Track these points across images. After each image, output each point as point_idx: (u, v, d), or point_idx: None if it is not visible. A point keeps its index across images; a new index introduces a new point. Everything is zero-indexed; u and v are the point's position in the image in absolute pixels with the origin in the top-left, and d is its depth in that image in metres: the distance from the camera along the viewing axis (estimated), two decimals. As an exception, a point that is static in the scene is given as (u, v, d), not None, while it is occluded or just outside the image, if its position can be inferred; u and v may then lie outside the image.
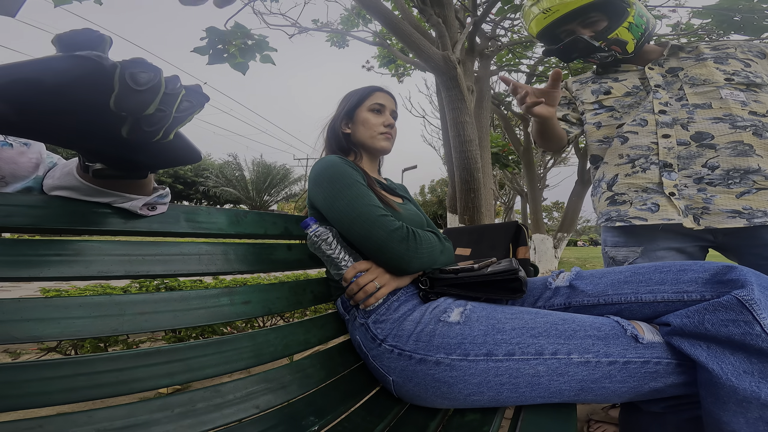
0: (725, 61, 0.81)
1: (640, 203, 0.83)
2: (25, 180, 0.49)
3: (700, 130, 0.78)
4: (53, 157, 0.56)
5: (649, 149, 0.83)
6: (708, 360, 0.44)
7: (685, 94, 0.82)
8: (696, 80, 0.82)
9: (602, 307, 0.59)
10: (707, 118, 0.78)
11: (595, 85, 0.95)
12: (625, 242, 0.88)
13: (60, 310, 0.41)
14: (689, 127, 0.79)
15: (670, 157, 0.80)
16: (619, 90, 0.90)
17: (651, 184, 0.82)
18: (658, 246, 0.83)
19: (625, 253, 0.87)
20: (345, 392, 0.60)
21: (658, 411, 0.55)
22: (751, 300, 0.43)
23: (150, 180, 0.47)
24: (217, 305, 0.55)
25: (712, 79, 0.80)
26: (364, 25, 4.44)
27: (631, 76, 0.91)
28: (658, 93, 0.84)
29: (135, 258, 0.49)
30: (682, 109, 0.81)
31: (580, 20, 0.88)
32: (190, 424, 0.44)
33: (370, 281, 0.61)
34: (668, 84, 0.85)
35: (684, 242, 0.82)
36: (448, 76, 2.11)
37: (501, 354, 0.50)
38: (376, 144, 0.80)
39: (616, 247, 0.90)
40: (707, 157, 0.77)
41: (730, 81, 0.79)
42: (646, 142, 0.84)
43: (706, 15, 2.08)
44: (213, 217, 0.60)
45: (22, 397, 0.37)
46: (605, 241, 0.94)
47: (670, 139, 0.80)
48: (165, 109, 0.28)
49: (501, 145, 5.43)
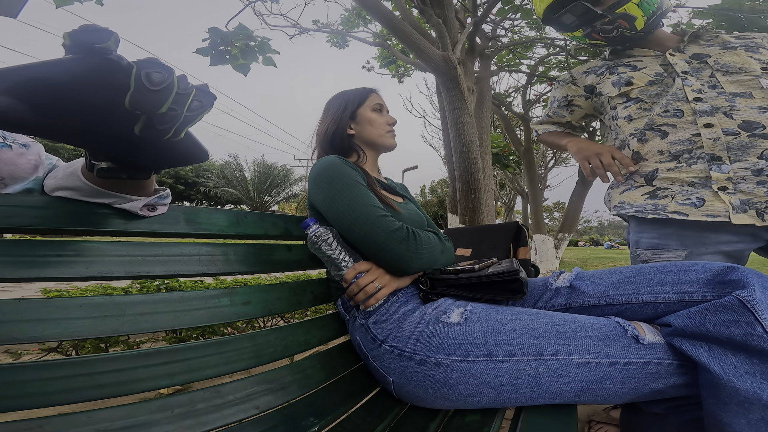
0: (756, 50, 0.77)
1: (684, 197, 0.74)
2: (24, 181, 0.50)
3: (748, 119, 0.71)
4: (52, 159, 0.56)
5: (691, 142, 0.75)
6: (709, 361, 0.44)
7: (718, 82, 0.76)
8: (730, 68, 0.76)
9: (603, 307, 0.59)
10: (752, 107, 0.71)
11: (614, 76, 0.88)
12: (667, 245, 0.77)
13: (60, 310, 0.41)
14: (734, 115, 0.72)
15: (718, 148, 0.72)
16: (641, 79, 0.84)
17: (698, 179, 0.73)
18: (707, 249, 0.73)
19: (667, 258, 0.77)
20: (345, 393, 0.60)
21: (659, 412, 0.55)
22: (753, 300, 0.42)
23: (152, 181, 0.47)
24: (218, 306, 0.55)
25: (748, 67, 0.74)
26: (365, 26, 4.45)
27: (651, 62, 0.85)
28: (688, 80, 0.77)
29: (135, 259, 0.49)
30: (720, 96, 0.74)
31: None
32: (190, 424, 0.44)
33: (370, 282, 0.60)
34: (696, 71, 0.78)
35: (739, 243, 0.73)
36: (448, 77, 2.11)
37: (501, 355, 0.50)
38: (385, 141, 0.82)
39: (654, 250, 0.78)
40: (763, 147, 0.69)
41: (767, 71, 0.74)
42: (686, 135, 0.76)
43: (707, 15, 2.08)
44: (213, 218, 0.60)
45: (23, 398, 0.37)
46: (638, 243, 0.82)
47: (713, 129, 0.73)
48: (177, 109, 0.29)
49: (502, 145, 5.43)
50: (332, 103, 0.84)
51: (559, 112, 1.05)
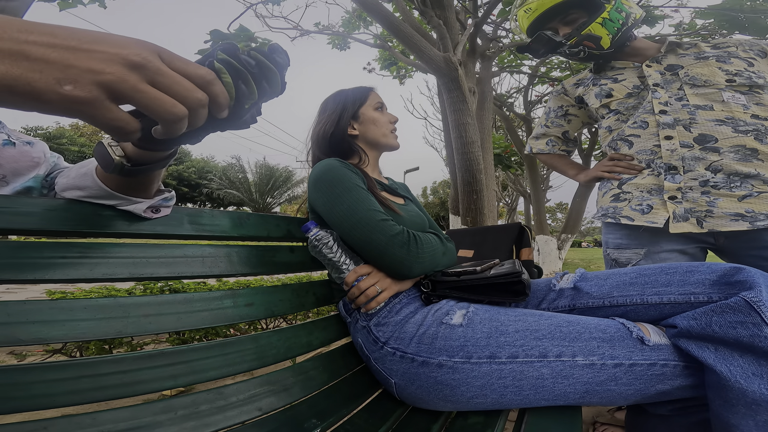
0: (727, 60, 0.80)
1: (637, 203, 0.83)
2: (25, 178, 0.50)
3: (704, 132, 0.77)
4: (54, 156, 0.56)
5: (653, 152, 0.83)
6: (716, 362, 0.44)
7: (685, 95, 0.81)
8: (697, 80, 0.80)
9: (607, 308, 0.59)
10: (710, 120, 0.77)
11: (596, 88, 0.94)
12: (628, 244, 0.87)
13: (65, 312, 0.41)
14: (692, 128, 0.78)
15: (674, 159, 0.79)
16: (620, 91, 0.90)
17: (655, 187, 0.82)
18: (662, 248, 0.82)
19: (628, 255, 0.86)
20: (347, 395, 0.60)
21: (665, 414, 0.55)
22: (760, 302, 0.42)
23: (157, 182, 0.48)
24: (221, 307, 0.55)
25: (713, 80, 0.79)
26: (365, 28, 4.47)
27: (630, 74, 0.89)
28: (657, 92, 0.83)
29: (139, 260, 0.49)
30: (683, 109, 0.80)
31: (561, 18, 0.89)
32: (194, 426, 0.44)
33: (371, 285, 0.60)
34: (667, 82, 0.84)
35: (686, 244, 0.81)
36: (449, 78, 2.11)
37: (504, 356, 0.50)
38: (390, 141, 0.81)
39: (618, 249, 0.89)
40: (711, 160, 0.76)
41: (732, 83, 0.78)
42: (649, 146, 0.83)
43: (708, 15, 2.07)
44: (216, 220, 0.60)
45: (27, 399, 0.37)
46: (607, 243, 0.92)
47: (672, 141, 0.80)
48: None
49: (503, 146, 5.41)
50: (330, 102, 0.81)
51: (557, 121, 1.09)
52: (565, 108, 1.06)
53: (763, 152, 0.73)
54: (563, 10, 0.87)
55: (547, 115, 1.11)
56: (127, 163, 0.38)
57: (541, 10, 0.88)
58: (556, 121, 1.08)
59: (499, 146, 5.34)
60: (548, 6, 0.87)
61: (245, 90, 0.31)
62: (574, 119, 1.07)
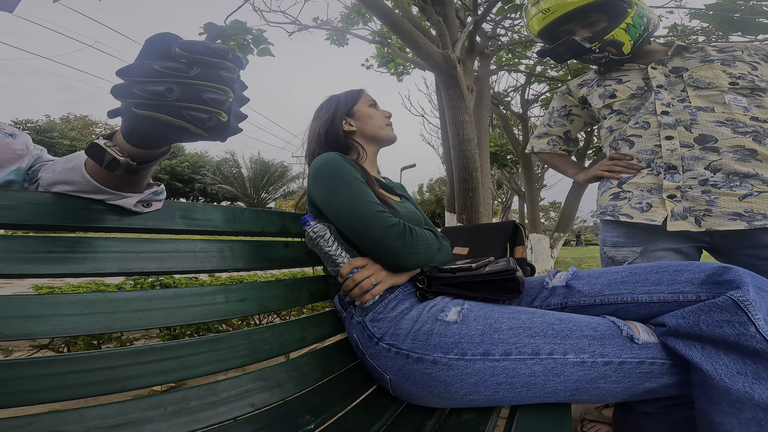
0: (732, 63, 0.81)
1: (636, 201, 0.83)
2: (6, 171, 0.48)
3: (704, 132, 0.78)
4: (37, 149, 0.55)
5: (653, 152, 0.83)
6: (702, 360, 0.45)
7: (687, 96, 0.81)
8: (700, 83, 0.81)
9: (599, 307, 0.59)
10: (711, 121, 0.78)
11: (600, 88, 0.94)
12: (624, 242, 0.87)
13: (52, 307, 0.41)
14: (692, 129, 0.79)
15: (674, 158, 0.80)
16: (623, 92, 0.90)
17: (655, 186, 0.82)
18: (658, 246, 0.83)
19: (624, 254, 0.87)
20: (341, 391, 0.60)
21: (651, 411, 0.56)
22: (746, 301, 0.43)
23: (147, 177, 0.47)
24: (213, 303, 0.54)
25: (716, 82, 0.79)
26: (364, 24, 4.43)
27: (634, 76, 0.89)
28: (660, 94, 0.84)
29: (129, 255, 0.48)
30: (685, 110, 0.80)
31: (579, 20, 0.88)
32: (184, 422, 0.44)
33: (366, 277, 0.60)
34: (671, 84, 0.84)
35: (682, 243, 0.82)
36: (447, 75, 2.11)
37: (498, 354, 0.50)
38: (387, 134, 0.83)
39: (615, 247, 0.89)
40: (710, 160, 0.77)
41: (735, 85, 0.78)
42: (649, 146, 0.84)
43: (705, 16, 2.09)
44: (209, 215, 0.59)
45: (12, 395, 0.36)
46: (604, 241, 0.93)
47: (673, 141, 0.80)
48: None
49: (499, 144, 5.43)
50: (323, 106, 0.84)
51: (560, 121, 1.09)
52: (569, 108, 1.06)
53: (761, 153, 0.74)
54: (584, 13, 0.86)
55: (550, 115, 1.11)
56: (133, 162, 0.38)
57: (561, 12, 0.86)
58: (559, 120, 1.09)
59: (496, 144, 5.36)
60: (570, 8, 0.85)
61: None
62: (576, 119, 1.07)
